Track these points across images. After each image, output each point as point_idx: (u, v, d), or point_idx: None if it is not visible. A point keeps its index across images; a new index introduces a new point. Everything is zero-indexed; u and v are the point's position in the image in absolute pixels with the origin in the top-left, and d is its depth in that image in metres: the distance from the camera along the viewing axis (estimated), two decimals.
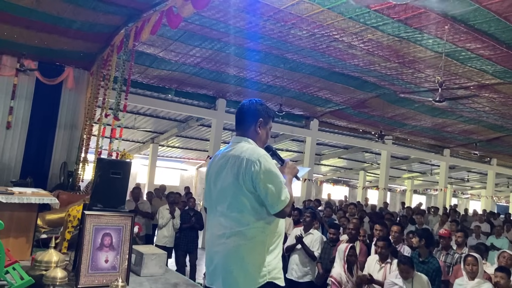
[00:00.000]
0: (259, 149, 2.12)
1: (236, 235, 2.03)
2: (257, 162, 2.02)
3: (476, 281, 3.80)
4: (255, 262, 2.02)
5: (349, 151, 17.05)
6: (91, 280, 3.63)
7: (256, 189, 2.02)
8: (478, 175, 21.77)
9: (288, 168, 2.23)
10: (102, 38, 6.73)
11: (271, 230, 2.08)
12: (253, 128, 2.20)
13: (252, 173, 2.01)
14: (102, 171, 3.91)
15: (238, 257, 2.02)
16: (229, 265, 2.03)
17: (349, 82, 9.23)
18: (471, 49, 6.32)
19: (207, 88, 10.00)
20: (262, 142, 2.23)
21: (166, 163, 17.58)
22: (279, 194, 2.01)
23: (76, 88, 8.08)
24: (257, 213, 2.04)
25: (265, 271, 2.02)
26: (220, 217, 2.12)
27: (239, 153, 2.10)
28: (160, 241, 6.59)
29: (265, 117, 2.23)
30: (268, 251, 2.05)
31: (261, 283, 2.01)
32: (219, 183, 2.15)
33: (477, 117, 11.50)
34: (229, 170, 2.10)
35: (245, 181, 2.02)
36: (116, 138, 6.14)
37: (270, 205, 2.02)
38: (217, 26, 6.32)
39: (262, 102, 2.25)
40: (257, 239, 2.03)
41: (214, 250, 2.11)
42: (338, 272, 4.11)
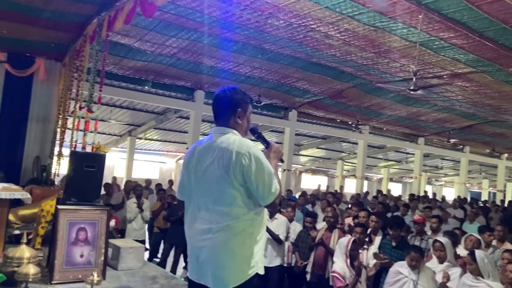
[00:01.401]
0: (246, 140, 2.07)
1: (224, 229, 1.98)
2: (247, 154, 1.97)
3: (445, 265, 3.90)
4: (244, 255, 2.00)
5: (327, 141, 17.24)
6: (66, 276, 3.56)
7: (247, 182, 1.98)
8: (451, 162, 22.38)
9: (274, 152, 2.19)
10: (74, 28, 6.52)
11: (258, 221, 2.06)
12: (233, 119, 2.13)
13: (243, 166, 1.96)
14: (76, 165, 3.81)
15: (228, 251, 1.98)
16: (219, 260, 1.99)
17: (327, 73, 9.28)
18: (444, 38, 6.43)
19: (185, 79, 9.88)
20: (244, 130, 2.18)
21: (144, 156, 17.35)
22: (270, 186, 1.99)
23: (48, 80, 7.83)
24: (246, 206, 2.00)
25: (253, 262, 2.02)
26: (203, 211, 2.06)
27: (226, 145, 2.03)
28: (130, 235, 6.51)
29: (243, 105, 2.16)
30: (255, 241, 2.04)
31: (250, 275, 2.00)
32: (204, 176, 2.08)
33: (450, 106, 11.78)
34: (216, 163, 2.03)
35: (235, 174, 1.97)
36: (91, 131, 5.99)
37: (261, 197, 2.00)
38: (193, 16, 6.23)
39: (237, 90, 2.17)
40: (246, 231, 2.01)
41: (200, 245, 2.05)
42: (341, 266, 4.06)
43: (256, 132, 2.24)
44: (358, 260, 4.11)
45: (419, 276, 3.69)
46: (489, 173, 23.82)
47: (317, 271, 4.83)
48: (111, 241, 4.30)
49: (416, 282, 3.67)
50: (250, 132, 2.24)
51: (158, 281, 4.00)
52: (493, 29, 5.85)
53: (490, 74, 8.36)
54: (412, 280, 3.69)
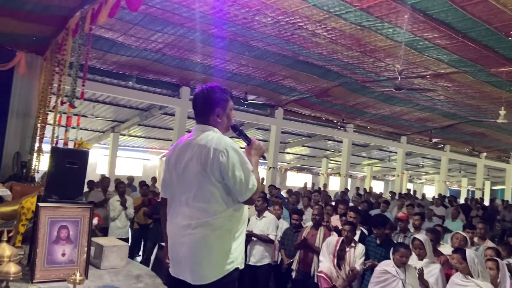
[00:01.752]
0: (225, 137, 2.10)
1: (203, 225, 2.02)
2: (225, 151, 2.01)
3: (424, 261, 3.94)
4: (222, 251, 2.03)
5: (313, 139, 17.32)
6: (47, 275, 3.47)
7: (224, 178, 2.02)
8: (432, 161, 22.78)
9: (254, 149, 2.22)
10: (56, 21, 6.36)
11: (237, 218, 2.09)
12: (212, 118, 2.17)
13: (220, 163, 2.00)
14: (57, 161, 3.72)
15: (206, 247, 2.01)
16: (197, 256, 2.02)
17: (313, 71, 9.30)
18: (428, 39, 6.51)
19: (170, 75, 9.76)
20: (224, 127, 2.21)
21: (127, 153, 17.12)
22: (247, 182, 2.01)
23: (29, 74, 7.63)
24: (225, 202, 2.04)
25: (232, 258, 2.05)
26: (184, 207, 2.09)
27: (205, 142, 2.07)
28: (113, 233, 6.41)
29: (222, 104, 2.18)
30: (234, 238, 2.07)
31: (229, 271, 2.03)
32: (184, 172, 2.11)
33: (432, 106, 11.97)
34: (195, 159, 2.07)
35: (213, 170, 2.01)
36: (73, 127, 5.87)
37: (239, 194, 2.03)
38: (179, 11, 6.14)
39: (215, 88, 2.19)
40: (224, 228, 2.04)
41: (180, 241, 2.09)
42: (328, 266, 4.05)
43: (237, 129, 2.26)
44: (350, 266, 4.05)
45: (406, 275, 3.69)
46: (468, 171, 24.35)
47: (303, 269, 4.84)
48: (93, 239, 4.21)
49: (404, 281, 3.66)
50: (231, 129, 2.26)
51: (142, 280, 3.94)
52: (476, 30, 5.95)
53: (472, 75, 8.52)
54: (400, 279, 3.68)
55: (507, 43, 6.34)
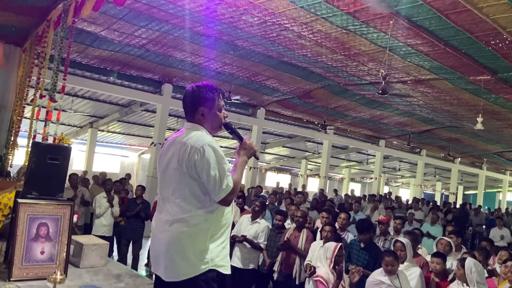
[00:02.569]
0: (205, 136, 2.11)
1: (179, 222, 2.03)
2: (201, 149, 2.01)
3: (405, 265, 3.98)
4: (195, 249, 2.02)
5: (293, 140, 17.41)
6: (25, 273, 3.38)
7: (200, 176, 2.02)
8: (408, 164, 23.25)
9: (244, 149, 2.20)
10: (37, 12, 6.17)
11: (215, 219, 2.07)
12: (197, 117, 2.18)
13: (196, 160, 2.00)
14: (38, 156, 3.61)
15: (180, 244, 2.01)
16: (170, 253, 2.02)
17: (297, 72, 9.34)
18: (411, 45, 6.63)
19: (153, 72, 9.62)
20: (211, 126, 2.21)
21: (105, 149, 16.79)
22: (221, 181, 2.00)
23: (6, 65, 7.37)
24: (199, 201, 2.04)
25: (208, 258, 2.02)
26: (166, 203, 2.12)
27: (185, 139, 2.09)
28: (98, 230, 6.30)
29: (208, 104, 2.17)
30: (210, 239, 2.05)
31: (203, 270, 2.01)
32: (166, 169, 2.15)
33: (411, 110, 12.21)
34: (175, 156, 2.09)
35: (188, 168, 2.02)
36: (53, 121, 5.71)
37: (213, 193, 2.02)
38: (165, 7, 6.06)
39: (202, 87, 2.18)
40: (199, 226, 2.03)
41: (158, 237, 2.10)
42: (325, 271, 3.99)
43: (229, 127, 2.25)
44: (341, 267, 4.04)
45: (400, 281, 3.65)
46: (443, 176, 24.97)
47: (285, 270, 4.85)
48: (73, 237, 4.11)
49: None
50: (224, 128, 2.25)
51: (122, 279, 3.87)
52: (458, 38, 6.09)
53: (451, 82, 8.73)
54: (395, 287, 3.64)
55: (486, 52, 6.52)
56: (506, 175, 25.10)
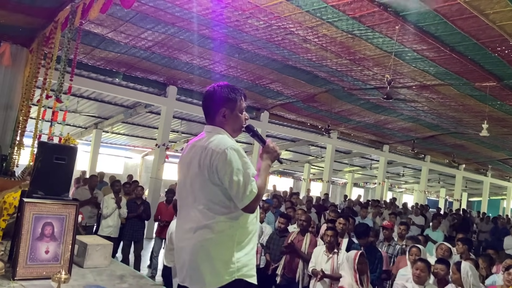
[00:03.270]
0: (227, 139, 2.01)
1: (203, 229, 1.93)
2: (223, 153, 1.92)
3: None
4: (222, 257, 1.92)
5: (296, 144, 17.40)
6: (30, 272, 3.38)
7: (222, 182, 1.93)
8: (412, 170, 23.17)
9: (267, 152, 2.10)
10: (45, 13, 6.22)
11: (240, 225, 1.97)
12: (218, 118, 2.08)
13: (217, 165, 1.91)
14: (44, 156, 3.63)
15: (205, 252, 1.92)
16: (195, 261, 1.93)
17: (301, 76, 9.35)
18: (417, 50, 6.63)
19: (158, 74, 9.67)
20: (233, 129, 2.10)
21: (109, 150, 16.86)
22: (245, 187, 1.91)
23: (13, 65, 7.43)
24: (223, 207, 1.94)
25: (234, 268, 1.93)
26: (189, 210, 2.02)
27: (206, 143, 1.99)
28: (103, 231, 6.32)
29: (230, 104, 2.08)
30: (237, 247, 1.95)
31: (229, 281, 1.91)
32: (188, 174, 2.05)
33: (416, 116, 12.18)
34: (196, 161, 2.00)
35: (209, 173, 1.93)
36: (59, 122, 5.74)
37: (236, 199, 1.93)
38: (172, 10, 6.10)
39: (225, 88, 2.09)
40: (224, 233, 1.94)
41: (181, 245, 2.01)
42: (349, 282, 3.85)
43: (251, 130, 2.16)
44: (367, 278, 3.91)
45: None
46: (447, 182, 24.86)
47: (288, 274, 4.84)
48: (77, 237, 4.13)
49: None
50: (245, 131, 2.16)
51: (126, 280, 3.87)
52: (464, 44, 6.09)
53: (457, 88, 8.72)
54: None
55: (492, 58, 6.51)
56: (511, 183, 24.96)
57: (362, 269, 3.84)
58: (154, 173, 10.59)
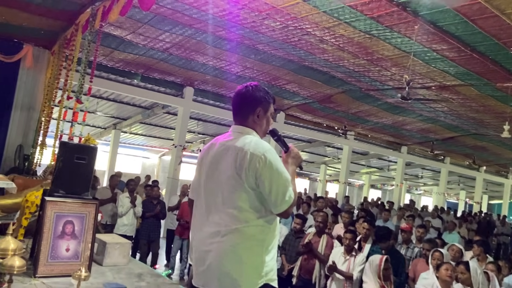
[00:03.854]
0: (263, 142, 1.96)
1: (233, 233, 1.87)
2: (262, 157, 1.86)
3: None
4: (253, 262, 1.88)
5: (312, 144, 17.32)
6: (50, 269, 3.46)
7: (259, 186, 1.87)
8: (431, 172, 22.80)
9: (292, 157, 2.07)
10: (66, 16, 6.37)
11: (270, 230, 1.94)
12: (251, 118, 2.03)
13: (257, 169, 1.85)
14: (66, 156, 3.71)
15: (236, 257, 1.87)
16: (225, 266, 1.87)
17: (317, 77, 9.31)
18: (437, 50, 6.53)
19: (175, 75, 9.76)
20: (263, 131, 2.07)
21: (127, 150, 17.11)
22: (284, 193, 1.87)
23: (35, 67, 7.63)
24: (257, 211, 1.90)
25: (264, 272, 1.89)
26: (214, 213, 1.95)
27: (242, 145, 1.92)
28: (119, 229, 6.40)
29: (265, 105, 2.05)
30: (266, 251, 1.92)
31: (259, 285, 1.88)
32: (216, 175, 1.97)
33: (435, 117, 11.99)
34: (229, 162, 1.93)
35: (247, 176, 1.87)
36: (79, 122, 5.87)
37: (274, 205, 1.88)
38: (189, 12, 6.15)
39: (260, 87, 2.06)
40: (256, 237, 1.89)
41: (206, 249, 1.93)
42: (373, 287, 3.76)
43: (276, 134, 2.13)
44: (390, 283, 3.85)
45: None
46: (467, 184, 24.37)
47: (304, 275, 4.82)
48: (97, 236, 4.20)
49: None
50: (269, 134, 2.13)
51: (144, 278, 3.93)
52: (485, 44, 5.97)
53: (477, 88, 8.55)
54: None
55: None
56: None
57: (386, 275, 3.71)
58: (171, 173, 10.70)
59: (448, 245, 5.12)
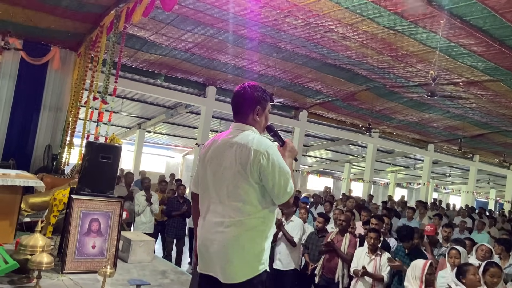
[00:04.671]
0: (265, 139, 2.08)
1: (236, 224, 2.01)
2: (266, 153, 1.99)
3: None
4: (254, 251, 2.02)
5: (336, 143, 17.14)
6: (77, 266, 3.56)
7: (262, 180, 2.01)
8: (459, 170, 22.18)
9: (289, 151, 2.21)
10: (91, 18, 6.53)
11: (270, 219, 2.09)
12: (251, 117, 2.15)
13: (261, 165, 1.98)
14: (91, 155, 3.80)
15: (239, 246, 2.00)
16: (229, 255, 2.01)
17: (341, 74, 9.20)
18: (464, 45, 6.34)
19: (198, 74, 9.85)
20: (261, 128, 2.20)
21: (152, 150, 17.39)
22: (286, 186, 2.01)
23: (62, 69, 7.86)
24: (260, 204, 2.03)
25: (263, 259, 2.04)
26: (217, 205, 2.08)
27: (245, 142, 2.05)
28: (138, 228, 6.48)
29: (263, 103, 2.18)
30: (266, 239, 2.06)
31: (260, 271, 2.03)
32: (220, 170, 2.09)
33: (463, 114, 11.65)
34: (233, 158, 2.05)
35: (252, 172, 1.99)
36: (104, 122, 6.00)
37: (276, 197, 2.03)
38: (211, 11, 6.19)
39: (257, 87, 2.19)
40: (257, 228, 2.03)
41: (211, 237, 2.07)
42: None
43: (272, 130, 2.26)
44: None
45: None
46: (497, 183, 23.59)
47: (327, 274, 4.77)
48: (122, 233, 4.29)
49: None
50: (266, 130, 2.25)
51: (168, 275, 3.99)
52: None
53: (508, 83, 8.25)
54: None
55: None
56: None
57: (430, 280, 3.53)
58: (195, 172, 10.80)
59: (477, 245, 4.98)
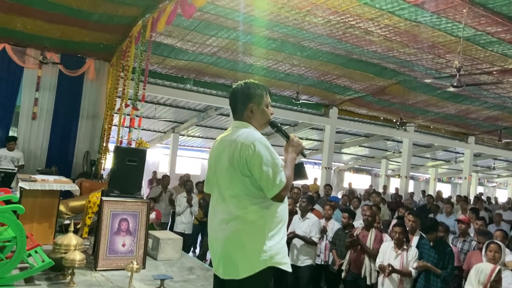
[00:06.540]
0: (254, 132, 2.12)
1: (235, 219, 2.03)
2: (251, 145, 2.01)
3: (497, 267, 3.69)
4: (254, 246, 2.00)
5: (370, 139, 16.86)
6: (109, 263, 3.81)
7: (252, 173, 2.02)
8: (505, 163, 21.16)
9: (292, 146, 2.18)
10: (121, 29, 6.87)
11: (270, 215, 2.06)
12: (246, 114, 2.19)
13: (247, 156, 2.01)
14: (119, 159, 4.06)
15: (237, 242, 2.01)
16: (228, 251, 2.03)
17: (368, 69, 9.09)
18: (491, 33, 6.12)
19: (225, 77, 10.06)
20: (259, 123, 2.21)
21: (187, 153, 17.84)
22: (275, 177, 1.98)
23: (97, 79, 8.32)
24: (253, 197, 2.03)
25: (266, 256, 2.00)
26: (220, 202, 2.13)
27: (235, 137, 2.10)
28: (178, 227, 6.76)
29: (257, 99, 2.19)
30: (268, 236, 2.02)
31: (261, 268, 1.99)
32: (219, 168, 2.15)
33: (501, 103, 11.14)
34: (225, 155, 2.11)
35: (239, 165, 2.03)
36: (135, 127, 6.29)
37: (266, 189, 2.00)
38: (232, 15, 6.34)
39: (249, 84, 2.21)
40: (256, 223, 2.02)
41: (215, 236, 2.12)
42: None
43: (275, 125, 2.26)
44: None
45: None
46: None
47: (353, 270, 4.80)
48: (151, 232, 4.53)
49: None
50: (269, 126, 2.26)
51: (194, 272, 4.18)
52: None
53: None
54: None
55: None
56: None
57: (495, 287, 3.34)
58: None
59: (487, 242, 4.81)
